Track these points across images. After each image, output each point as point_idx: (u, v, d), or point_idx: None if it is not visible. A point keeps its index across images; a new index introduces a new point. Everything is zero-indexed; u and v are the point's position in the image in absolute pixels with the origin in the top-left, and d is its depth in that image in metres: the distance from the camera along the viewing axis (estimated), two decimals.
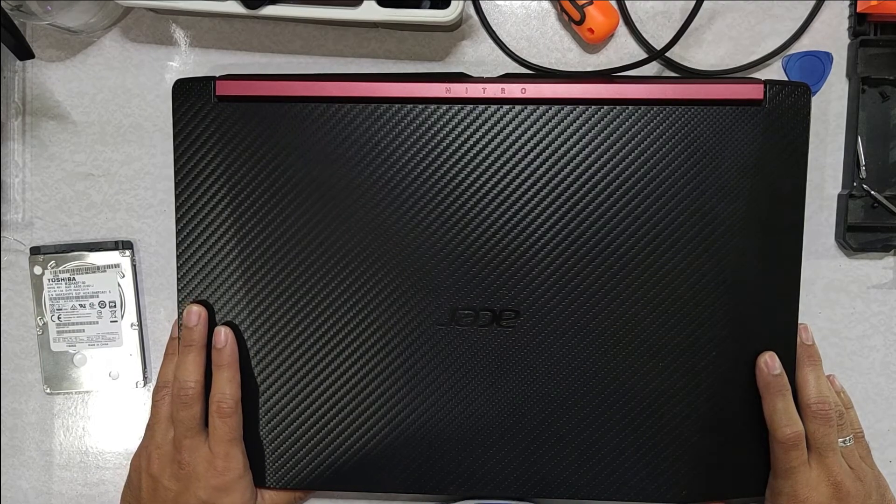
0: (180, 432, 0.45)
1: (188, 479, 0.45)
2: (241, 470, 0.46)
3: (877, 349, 0.50)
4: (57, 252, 0.51)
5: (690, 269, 0.45)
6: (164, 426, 0.46)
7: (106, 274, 0.50)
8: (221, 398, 0.45)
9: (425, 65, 0.50)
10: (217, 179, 0.47)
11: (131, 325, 0.51)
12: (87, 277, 0.50)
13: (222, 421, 0.45)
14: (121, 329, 0.51)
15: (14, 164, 0.52)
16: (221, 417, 0.45)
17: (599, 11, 0.47)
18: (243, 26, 0.51)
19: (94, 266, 0.50)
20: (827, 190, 0.49)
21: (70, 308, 0.51)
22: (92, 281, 0.51)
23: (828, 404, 0.45)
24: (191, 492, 0.45)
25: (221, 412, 0.45)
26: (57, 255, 0.51)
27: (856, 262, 0.50)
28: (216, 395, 0.46)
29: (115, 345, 0.51)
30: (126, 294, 0.51)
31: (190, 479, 0.45)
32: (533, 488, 0.47)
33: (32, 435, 0.53)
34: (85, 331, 0.51)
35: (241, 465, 0.46)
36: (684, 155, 0.45)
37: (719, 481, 0.47)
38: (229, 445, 0.45)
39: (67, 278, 0.50)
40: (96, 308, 0.51)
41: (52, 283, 0.51)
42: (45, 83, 0.52)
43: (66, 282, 0.50)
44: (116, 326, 0.51)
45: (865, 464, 0.46)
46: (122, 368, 0.51)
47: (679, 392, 0.46)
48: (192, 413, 0.45)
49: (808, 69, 0.49)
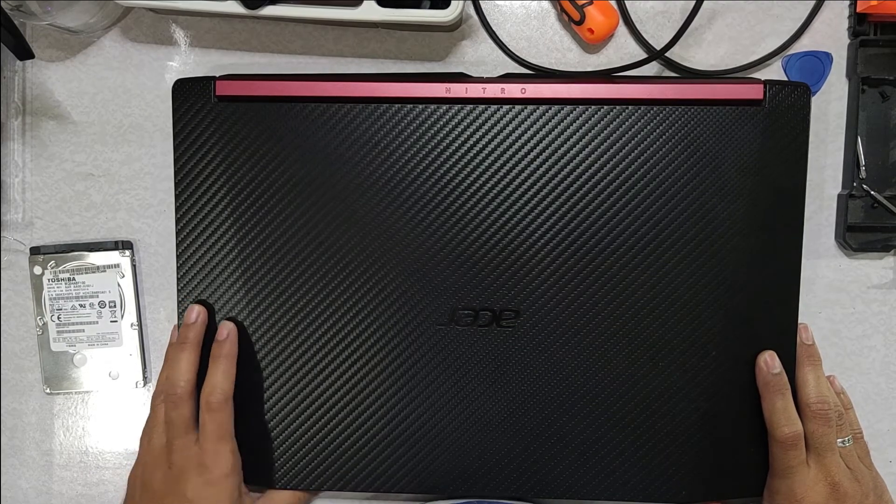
0: (171, 434, 0.45)
1: (175, 479, 0.44)
2: (228, 468, 0.45)
3: (876, 349, 0.50)
4: (57, 252, 0.51)
5: (690, 268, 0.45)
6: (160, 430, 0.46)
7: (106, 274, 0.50)
8: (211, 391, 0.45)
9: (425, 65, 0.50)
10: (217, 179, 0.47)
11: (131, 325, 0.51)
12: (87, 277, 0.50)
13: (210, 416, 0.45)
14: (121, 329, 0.51)
15: (14, 163, 0.52)
16: (210, 412, 0.45)
17: (599, 11, 0.47)
18: (243, 26, 0.51)
19: (94, 266, 0.50)
20: (827, 190, 0.49)
21: (70, 308, 0.51)
22: (92, 281, 0.51)
23: (827, 404, 0.45)
24: (177, 491, 0.44)
25: (210, 406, 0.45)
26: (57, 255, 0.51)
27: (856, 262, 0.50)
28: (207, 387, 0.45)
29: (114, 345, 0.51)
30: (126, 294, 0.51)
31: (178, 479, 0.44)
32: (532, 488, 0.47)
33: (32, 435, 0.53)
34: (85, 331, 0.51)
35: (230, 464, 0.45)
36: (684, 155, 0.45)
37: (718, 481, 0.47)
38: (218, 443, 0.45)
39: (67, 278, 0.50)
40: (96, 308, 0.51)
41: (52, 283, 0.51)
42: (44, 83, 0.52)
43: (66, 282, 0.50)
44: (116, 326, 0.51)
45: (864, 464, 0.46)
46: (121, 368, 0.51)
47: (678, 392, 0.46)
48: (181, 413, 0.45)
49: (808, 69, 0.49)
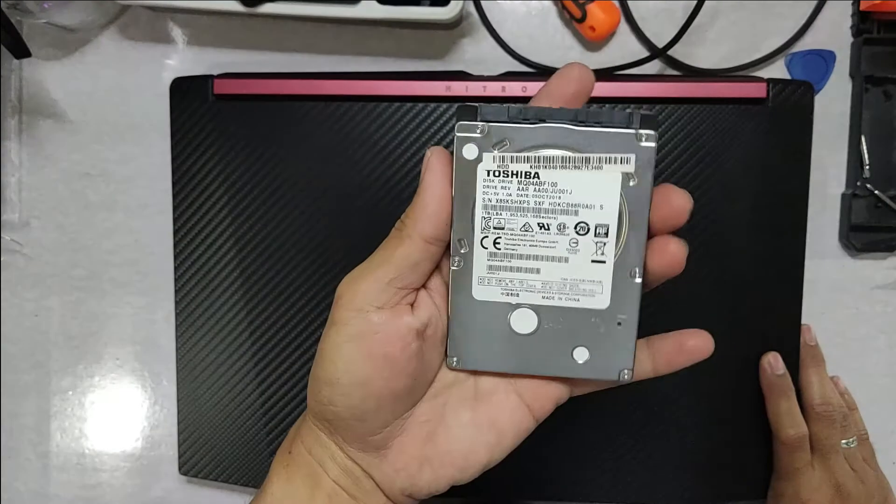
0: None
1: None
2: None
3: (881, 350, 0.49)
4: (513, 121, 0.28)
5: (693, 268, 0.45)
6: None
7: (602, 174, 0.28)
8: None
9: (425, 63, 0.50)
10: (215, 178, 0.46)
11: (630, 274, 0.29)
12: (565, 177, 0.28)
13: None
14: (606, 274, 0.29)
15: (10, 163, 0.52)
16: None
17: (601, 9, 0.46)
18: (241, 24, 0.50)
19: (583, 160, 0.28)
20: (830, 189, 0.49)
21: (520, 228, 0.29)
22: (572, 184, 0.28)
23: (831, 406, 0.44)
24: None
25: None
26: (514, 127, 0.28)
27: (859, 262, 0.49)
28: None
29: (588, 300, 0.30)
30: (634, 212, 0.28)
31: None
32: (533, 490, 0.47)
33: (29, 437, 0.52)
34: (541, 271, 0.30)
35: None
36: (687, 153, 0.45)
37: (722, 484, 0.46)
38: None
39: (525, 173, 0.29)
40: (570, 233, 0.29)
41: (494, 179, 0.29)
42: (41, 82, 0.51)
43: (523, 180, 0.29)
44: (600, 270, 0.29)
45: (869, 465, 0.46)
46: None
47: (681, 394, 0.46)
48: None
49: (811, 68, 0.48)
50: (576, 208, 0.28)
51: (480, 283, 0.30)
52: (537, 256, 0.29)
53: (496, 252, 0.29)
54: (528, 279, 0.30)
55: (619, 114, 0.28)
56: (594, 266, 0.29)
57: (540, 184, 0.28)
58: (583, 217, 0.28)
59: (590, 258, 0.29)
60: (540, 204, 0.29)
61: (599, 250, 0.29)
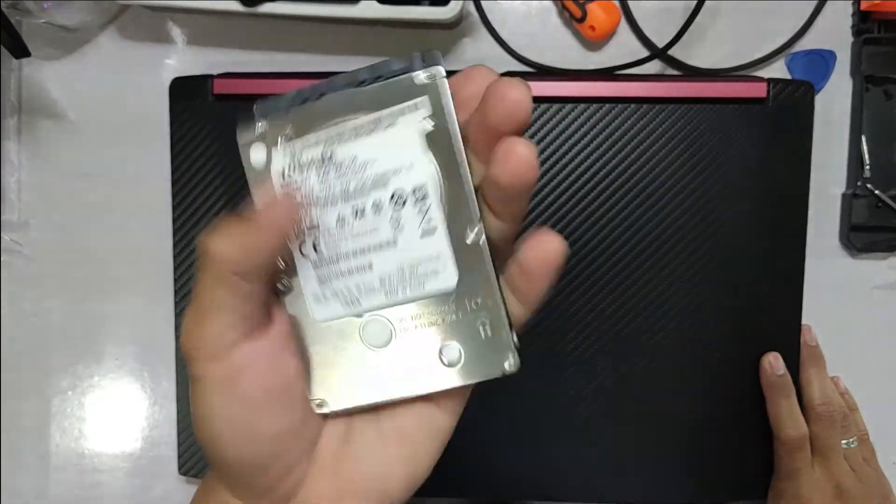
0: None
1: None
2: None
3: (881, 350, 0.49)
4: (294, 106, 0.25)
5: (693, 268, 0.45)
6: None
7: (397, 131, 0.24)
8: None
9: None
10: (214, 178, 0.46)
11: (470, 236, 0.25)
12: (359, 147, 0.25)
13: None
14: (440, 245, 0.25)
15: (10, 163, 0.52)
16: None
17: (601, 9, 0.46)
18: (241, 24, 0.50)
19: (369, 123, 0.25)
20: (830, 189, 0.49)
21: (339, 219, 0.25)
22: (370, 152, 0.25)
23: (832, 406, 0.44)
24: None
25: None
26: (293, 115, 0.25)
27: (860, 262, 0.49)
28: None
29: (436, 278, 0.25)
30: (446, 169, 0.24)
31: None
32: (532, 490, 0.47)
33: (29, 437, 0.52)
34: (374, 266, 0.25)
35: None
36: (687, 154, 0.44)
37: (722, 484, 0.46)
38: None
39: (320, 159, 0.25)
40: (387, 208, 0.25)
41: (291, 176, 0.25)
42: (41, 82, 0.51)
43: (320, 166, 0.25)
44: (433, 243, 0.25)
45: (870, 466, 0.46)
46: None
47: (681, 393, 0.46)
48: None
49: (812, 67, 0.48)
50: (384, 179, 0.24)
51: (317, 300, 0.25)
52: (363, 249, 0.25)
53: (320, 258, 0.25)
54: (363, 280, 0.25)
55: (399, 61, 0.25)
56: (426, 240, 0.24)
57: (338, 165, 0.24)
58: (395, 185, 0.24)
59: (418, 232, 0.24)
60: (346, 187, 0.24)
61: (425, 218, 0.24)
